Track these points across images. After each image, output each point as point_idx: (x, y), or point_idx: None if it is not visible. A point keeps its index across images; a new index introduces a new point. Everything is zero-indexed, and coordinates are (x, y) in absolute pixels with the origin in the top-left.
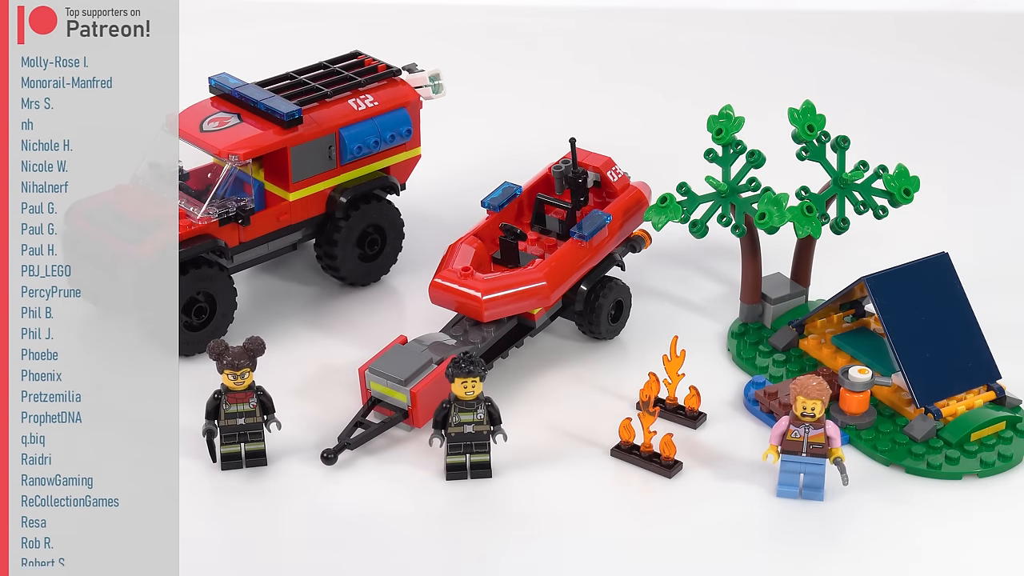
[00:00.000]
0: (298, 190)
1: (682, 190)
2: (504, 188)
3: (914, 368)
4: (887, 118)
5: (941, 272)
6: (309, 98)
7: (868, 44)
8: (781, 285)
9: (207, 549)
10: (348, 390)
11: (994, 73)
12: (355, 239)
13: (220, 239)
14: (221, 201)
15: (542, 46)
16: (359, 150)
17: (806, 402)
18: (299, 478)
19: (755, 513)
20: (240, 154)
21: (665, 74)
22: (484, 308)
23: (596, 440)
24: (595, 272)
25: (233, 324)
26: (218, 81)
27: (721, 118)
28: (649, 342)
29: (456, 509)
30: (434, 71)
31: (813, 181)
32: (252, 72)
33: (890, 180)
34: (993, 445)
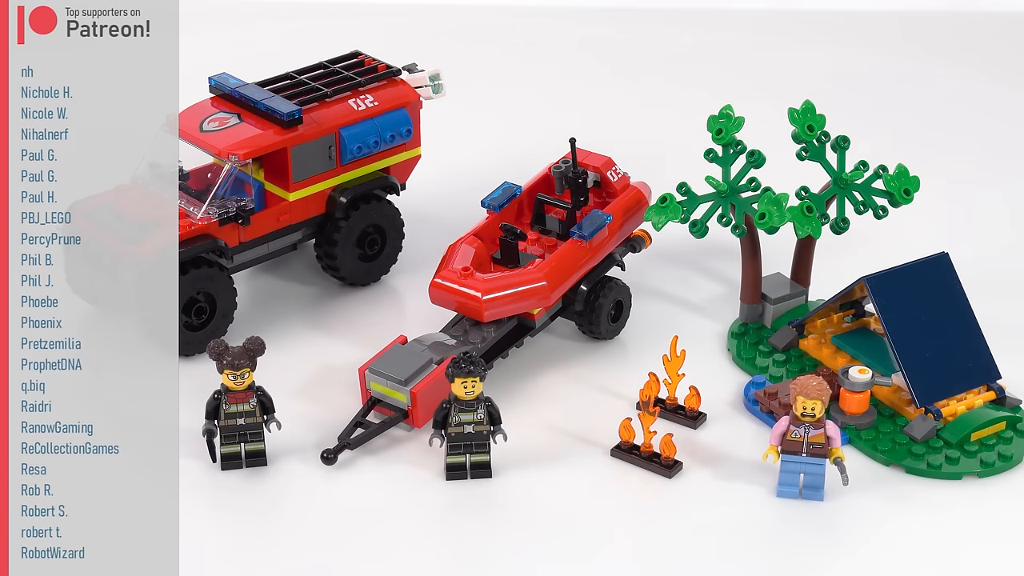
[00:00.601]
0: (298, 190)
1: (682, 190)
2: (504, 188)
3: (914, 368)
4: (887, 118)
5: (941, 272)
6: (309, 98)
7: (868, 44)
8: (781, 285)
9: (207, 549)
10: (348, 390)
11: (995, 73)
12: (355, 239)
13: (220, 239)
14: (221, 201)
15: (542, 46)
16: (359, 150)
17: (806, 402)
18: (299, 478)
19: (755, 513)
20: (240, 154)
21: (665, 74)
22: (484, 308)
23: (596, 440)
24: (595, 272)
25: (233, 324)
26: (218, 81)
27: (721, 118)
28: (649, 342)
29: (456, 509)
30: (434, 71)
31: (813, 181)
32: (252, 72)
33: (890, 180)
34: (993, 445)
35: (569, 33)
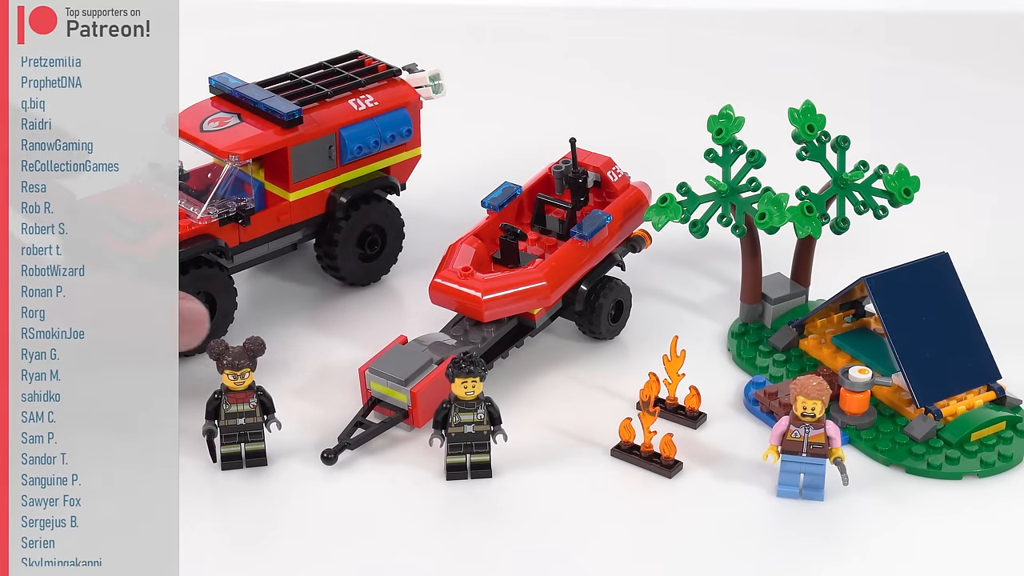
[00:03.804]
0: (298, 190)
1: (682, 190)
2: (504, 188)
3: (914, 368)
4: (887, 118)
5: (941, 272)
6: (309, 98)
7: (869, 44)
8: (781, 285)
9: (207, 549)
10: (348, 390)
11: (996, 73)
12: (355, 239)
13: (220, 239)
14: (221, 201)
15: (543, 46)
16: (359, 150)
17: (806, 402)
18: (299, 478)
19: (755, 513)
20: (240, 154)
21: (665, 74)
22: (484, 308)
23: (596, 440)
24: (595, 272)
25: (233, 324)
26: (218, 81)
27: (721, 118)
28: (649, 342)
29: (456, 509)
30: (434, 71)
31: (813, 181)
32: (252, 72)
33: (890, 180)
34: (993, 445)
35: (570, 34)
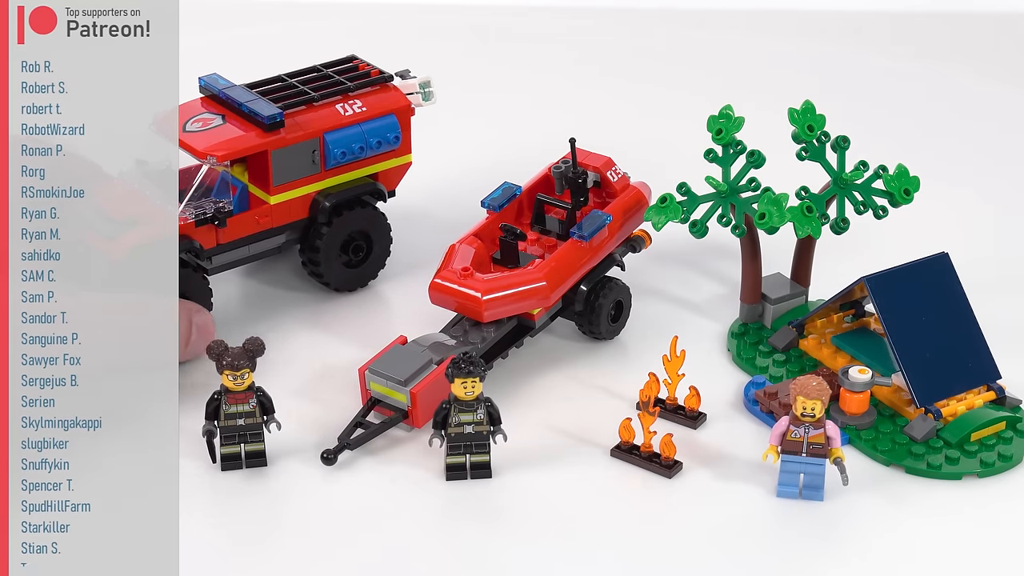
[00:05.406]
0: (279, 193)
1: (682, 190)
2: (504, 188)
3: (914, 368)
4: (887, 118)
5: (941, 272)
6: (296, 101)
7: (868, 44)
8: (781, 285)
9: (207, 549)
10: (348, 390)
11: (995, 73)
12: (339, 245)
13: (195, 240)
14: (198, 202)
15: (543, 46)
16: (343, 155)
17: (806, 402)
18: (299, 478)
19: (755, 513)
20: (218, 156)
21: (665, 74)
22: (484, 308)
23: (596, 440)
24: (595, 272)
25: (232, 325)
26: (207, 82)
27: (721, 118)
28: (649, 342)
29: (456, 509)
30: (425, 79)
31: (813, 181)
32: (252, 72)
33: (890, 180)
34: (993, 445)
35: (570, 33)
